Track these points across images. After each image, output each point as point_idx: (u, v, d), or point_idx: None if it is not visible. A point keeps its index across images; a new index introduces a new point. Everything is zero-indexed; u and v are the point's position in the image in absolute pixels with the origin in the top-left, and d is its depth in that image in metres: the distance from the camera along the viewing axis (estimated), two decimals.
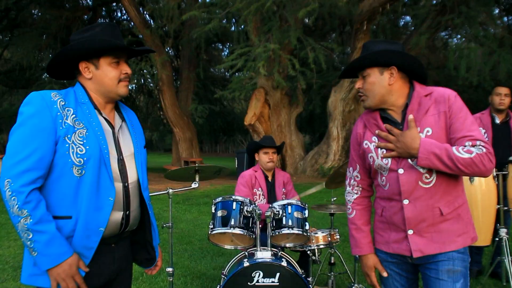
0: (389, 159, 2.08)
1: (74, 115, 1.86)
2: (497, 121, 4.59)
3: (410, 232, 2.07)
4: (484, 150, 1.91)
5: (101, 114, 1.98)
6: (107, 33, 1.93)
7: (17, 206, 1.71)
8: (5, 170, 1.74)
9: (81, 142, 1.85)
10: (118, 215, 1.95)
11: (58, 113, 1.82)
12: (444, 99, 2.03)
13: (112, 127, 2.01)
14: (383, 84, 2.07)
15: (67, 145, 1.82)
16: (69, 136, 1.82)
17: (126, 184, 1.98)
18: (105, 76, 1.94)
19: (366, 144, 2.19)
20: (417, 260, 2.10)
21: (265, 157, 4.08)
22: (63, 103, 1.86)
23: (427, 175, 2.01)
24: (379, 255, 2.26)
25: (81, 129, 1.86)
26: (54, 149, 1.81)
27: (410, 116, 1.99)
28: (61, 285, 1.78)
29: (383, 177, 2.14)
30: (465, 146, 1.94)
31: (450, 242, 2.04)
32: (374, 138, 2.15)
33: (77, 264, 1.81)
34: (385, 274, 2.22)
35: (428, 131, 2.01)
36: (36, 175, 1.76)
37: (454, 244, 2.04)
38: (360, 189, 2.33)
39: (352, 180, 2.35)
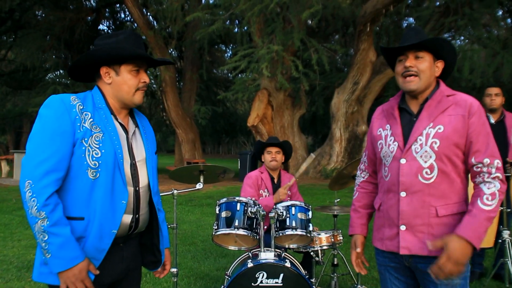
0: (395, 147, 2.09)
1: (91, 119, 1.91)
2: (492, 120, 4.64)
3: (402, 228, 2.06)
4: (499, 184, 1.96)
5: (116, 119, 2.02)
6: (130, 41, 1.98)
7: (36, 207, 1.74)
8: (26, 172, 1.78)
9: (97, 146, 1.89)
10: (128, 218, 1.99)
11: (77, 117, 1.87)
12: (465, 104, 2.02)
13: (126, 132, 2.05)
14: (433, 73, 2.10)
15: (83, 148, 1.86)
16: (86, 139, 1.87)
17: (137, 188, 2.03)
18: (124, 83, 1.99)
19: (379, 131, 2.23)
20: (411, 260, 2.09)
21: (268, 156, 4.10)
22: (81, 107, 1.90)
23: (427, 170, 2.02)
24: (378, 259, 2.28)
25: (97, 133, 1.90)
26: (72, 152, 1.85)
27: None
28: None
29: (386, 167, 2.15)
30: (483, 188, 1.96)
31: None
32: (388, 126, 2.18)
33: (87, 268, 1.84)
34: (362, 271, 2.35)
35: (439, 128, 2.01)
36: (56, 177, 1.80)
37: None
38: (367, 174, 2.39)
39: (362, 165, 2.43)
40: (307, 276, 3.20)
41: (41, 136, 1.82)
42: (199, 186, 3.39)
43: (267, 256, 3.22)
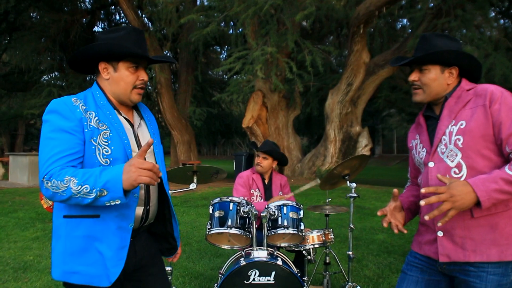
0: (424, 153, 2.11)
1: (96, 118, 1.93)
2: None
3: (439, 234, 2.00)
4: None
5: (120, 113, 2.04)
6: (131, 38, 1.98)
7: (60, 182, 1.72)
8: (40, 172, 1.79)
9: (106, 143, 1.91)
10: (139, 211, 2.02)
11: (82, 116, 1.88)
12: (485, 93, 1.94)
13: (132, 125, 2.08)
14: (442, 82, 2.06)
15: (93, 147, 1.88)
16: (94, 138, 1.89)
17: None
18: (122, 79, 2.00)
19: (411, 143, 2.28)
20: (446, 268, 2.03)
21: (256, 160, 4.20)
22: (84, 107, 1.92)
23: (456, 169, 1.95)
24: (409, 258, 2.23)
25: (105, 130, 1.92)
26: (84, 150, 1.87)
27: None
28: (143, 180, 1.73)
29: (421, 175, 2.15)
30: None
31: (482, 251, 1.90)
32: (417, 136, 2.21)
33: (134, 160, 1.75)
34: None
35: (462, 124, 1.96)
36: (69, 159, 1.80)
37: (486, 254, 1.89)
38: (410, 182, 2.42)
39: (408, 173, 2.46)
40: (299, 274, 3.28)
41: (52, 141, 1.82)
42: (192, 186, 3.45)
43: (260, 254, 3.29)
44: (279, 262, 3.18)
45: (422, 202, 1.79)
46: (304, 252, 3.84)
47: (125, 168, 1.73)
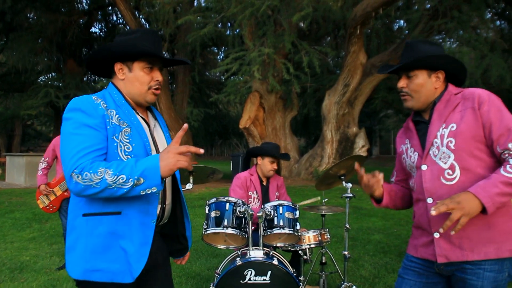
0: (416, 157, 2.14)
1: (117, 115, 1.94)
2: None
3: (436, 235, 2.02)
4: None
5: (138, 113, 2.06)
6: (147, 39, 2.01)
7: (94, 174, 1.73)
8: (67, 168, 1.77)
9: (128, 140, 1.93)
10: (157, 208, 2.02)
11: (105, 113, 1.90)
12: (473, 96, 1.99)
13: (148, 125, 2.10)
14: (430, 87, 2.10)
15: (115, 144, 1.89)
16: (116, 135, 1.90)
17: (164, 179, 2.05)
18: (136, 80, 2.01)
19: (401, 148, 2.30)
20: (444, 268, 2.04)
21: (270, 166, 4.18)
22: (105, 105, 1.93)
23: (449, 171, 1.99)
24: (404, 262, 2.24)
25: (126, 128, 1.94)
26: (107, 145, 1.88)
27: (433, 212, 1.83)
28: (182, 165, 1.77)
29: (413, 179, 2.17)
30: (510, 159, 1.88)
31: (479, 250, 1.94)
32: (407, 140, 2.24)
33: (171, 146, 1.80)
34: None
35: (452, 127, 2.00)
36: (97, 154, 1.82)
37: (484, 253, 1.93)
38: (394, 179, 2.44)
39: (391, 178, 2.48)
40: (294, 274, 3.29)
41: (76, 133, 1.83)
42: (188, 186, 3.44)
43: (256, 254, 3.31)
44: (275, 262, 3.19)
45: (433, 212, 1.80)
46: (300, 252, 3.85)
47: (162, 155, 1.77)
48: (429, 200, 2.05)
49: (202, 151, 1.83)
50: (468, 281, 1.95)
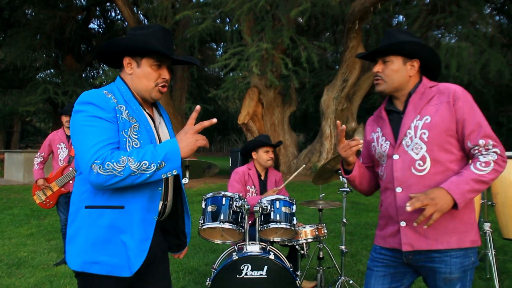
0: (387, 146, 2.15)
1: (127, 111, 1.96)
2: None
3: (402, 224, 2.06)
4: (496, 156, 1.94)
5: (144, 109, 2.07)
6: (157, 36, 2.01)
7: (116, 163, 1.77)
8: (85, 162, 1.79)
9: (136, 136, 1.94)
10: (159, 205, 2.04)
11: (116, 108, 1.92)
12: (448, 91, 2.05)
13: (153, 121, 2.11)
14: (404, 74, 2.14)
15: (124, 139, 1.90)
16: (125, 130, 1.91)
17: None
18: (144, 76, 2.02)
19: (371, 135, 2.31)
20: (411, 258, 2.08)
21: (266, 156, 4.18)
22: (115, 100, 1.95)
23: (420, 162, 2.04)
24: (373, 254, 2.28)
25: (134, 124, 1.95)
26: (119, 138, 1.89)
27: (412, 201, 1.90)
28: (201, 143, 1.87)
29: (382, 167, 2.20)
30: (479, 156, 1.95)
31: (443, 240, 2.01)
32: (378, 129, 2.26)
33: (187, 127, 1.88)
34: None
35: (427, 119, 2.05)
36: (113, 146, 1.84)
37: (446, 242, 2.00)
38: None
39: None
40: (291, 269, 3.29)
41: (92, 125, 1.84)
42: (184, 181, 3.43)
43: (252, 249, 3.31)
44: (272, 257, 3.19)
45: (408, 208, 1.87)
46: (297, 246, 3.85)
47: (180, 137, 1.86)
48: (398, 190, 2.09)
49: (215, 120, 1.90)
50: (437, 269, 2.03)
